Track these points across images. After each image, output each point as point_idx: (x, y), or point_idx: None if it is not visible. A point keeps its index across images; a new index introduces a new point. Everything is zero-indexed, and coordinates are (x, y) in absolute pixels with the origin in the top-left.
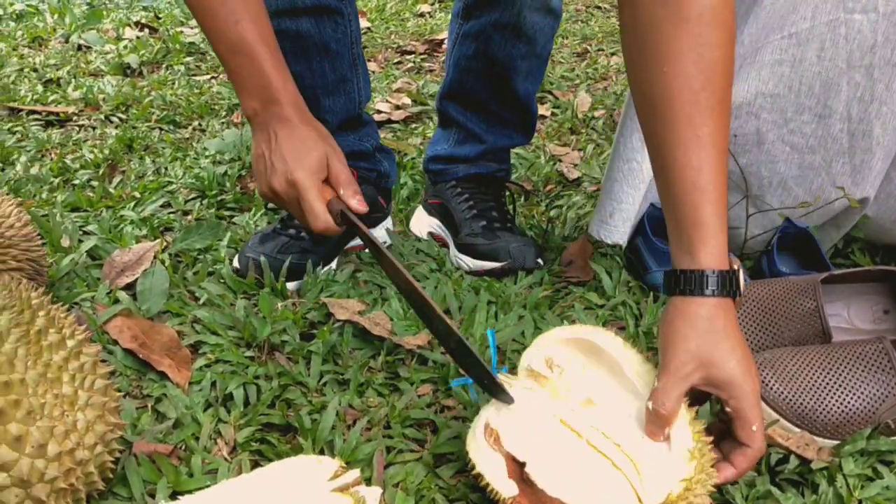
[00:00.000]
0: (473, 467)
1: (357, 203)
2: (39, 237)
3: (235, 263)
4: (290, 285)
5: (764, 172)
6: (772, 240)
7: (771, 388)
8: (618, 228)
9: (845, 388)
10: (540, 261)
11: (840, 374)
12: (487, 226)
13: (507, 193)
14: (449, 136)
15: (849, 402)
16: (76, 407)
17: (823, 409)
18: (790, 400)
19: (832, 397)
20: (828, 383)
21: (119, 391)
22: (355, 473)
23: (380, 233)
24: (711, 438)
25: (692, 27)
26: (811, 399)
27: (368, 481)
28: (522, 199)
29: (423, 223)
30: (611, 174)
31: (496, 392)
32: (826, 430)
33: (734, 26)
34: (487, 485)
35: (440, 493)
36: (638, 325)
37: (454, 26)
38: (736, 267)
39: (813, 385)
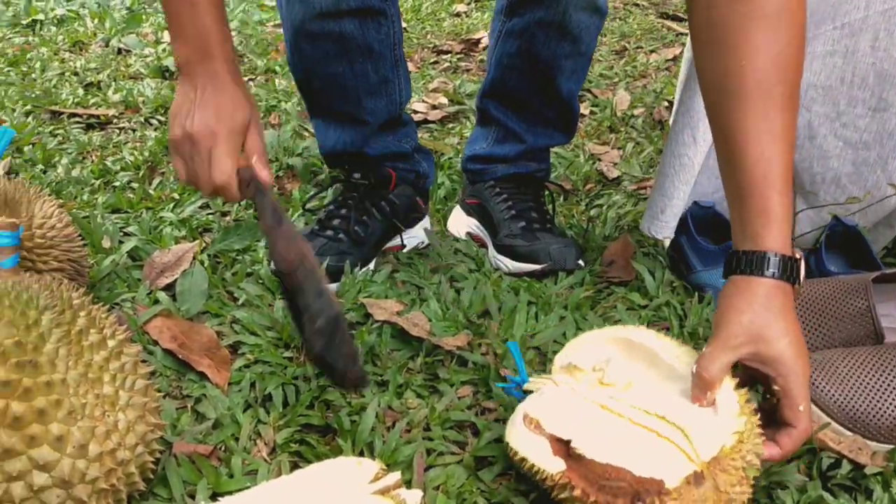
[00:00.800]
0: (516, 454)
1: (267, 174)
2: (80, 238)
3: (272, 265)
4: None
5: (816, 168)
6: (820, 238)
7: (822, 391)
8: (669, 224)
9: None
10: (581, 262)
11: (894, 376)
12: (527, 226)
13: (547, 193)
14: (488, 134)
15: None
16: (117, 407)
17: (877, 413)
18: (842, 403)
19: (886, 400)
20: (881, 385)
21: (159, 391)
22: (396, 476)
23: (418, 232)
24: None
25: (772, 23)
26: (864, 402)
27: (409, 484)
28: (562, 198)
29: (462, 223)
30: (663, 170)
31: (360, 384)
32: (880, 434)
33: (806, 25)
34: (532, 466)
35: (482, 496)
36: (683, 326)
37: (496, 24)
38: (799, 256)
39: (866, 387)
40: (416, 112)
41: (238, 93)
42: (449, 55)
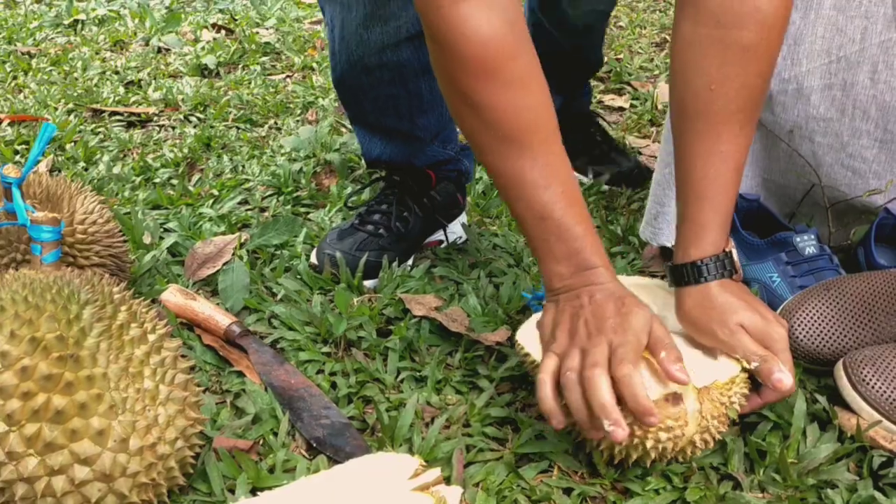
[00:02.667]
0: (522, 349)
1: (678, 371)
2: (122, 234)
3: (313, 259)
4: (368, 283)
5: (827, 192)
6: (869, 231)
7: (872, 387)
8: (662, 231)
9: None
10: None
11: None
12: (599, 154)
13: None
14: None
15: None
16: (157, 401)
17: None
18: (894, 399)
19: None
20: None
21: (199, 386)
22: (436, 472)
23: (455, 227)
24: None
25: (748, 56)
26: None
27: (448, 480)
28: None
29: None
30: (656, 176)
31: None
32: None
33: (777, 57)
34: (533, 362)
35: (522, 493)
36: None
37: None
38: (729, 248)
39: None
40: None
41: (627, 294)
42: None
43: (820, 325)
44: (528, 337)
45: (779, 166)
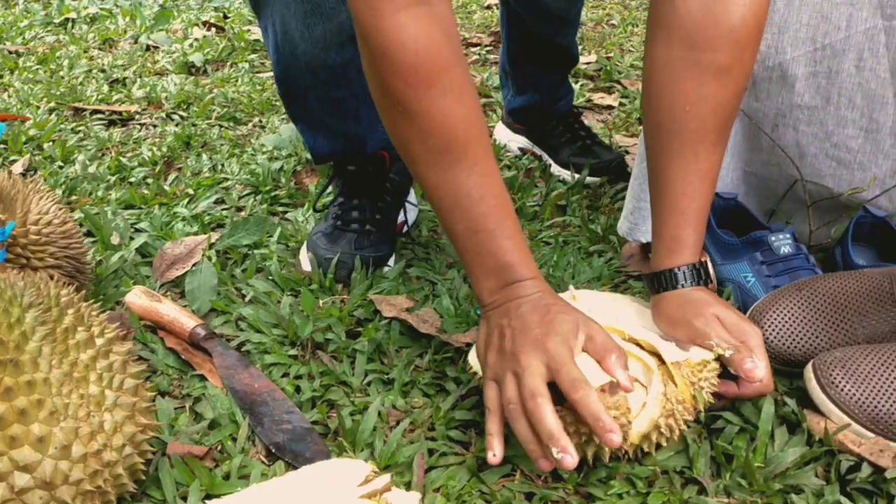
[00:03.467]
0: (471, 368)
1: (623, 376)
2: (81, 235)
3: (305, 266)
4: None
5: (811, 186)
6: (847, 230)
7: (842, 390)
8: (638, 226)
9: None
10: None
11: None
12: (581, 146)
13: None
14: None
15: None
16: (103, 407)
17: None
18: (864, 402)
19: None
20: None
21: (158, 391)
22: (386, 479)
23: (411, 198)
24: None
25: (722, 77)
26: (887, 402)
27: (409, 486)
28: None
29: (508, 137)
30: (634, 172)
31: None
32: None
33: (750, 75)
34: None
35: (482, 498)
36: None
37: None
38: (704, 259)
39: (889, 386)
40: None
41: (557, 302)
42: (478, 48)
43: (791, 326)
44: (476, 360)
45: (760, 157)
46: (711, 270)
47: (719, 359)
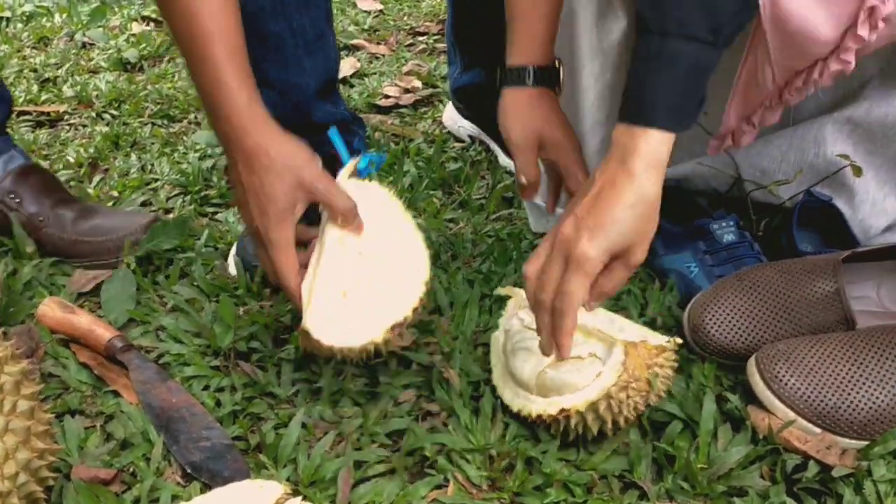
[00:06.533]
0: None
1: (343, 201)
2: None
3: (231, 269)
4: None
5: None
6: (791, 215)
7: (786, 384)
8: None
9: (873, 381)
10: None
11: (867, 365)
12: None
13: None
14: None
15: (878, 397)
16: None
17: (848, 406)
18: (809, 397)
19: (858, 392)
20: (853, 376)
21: (68, 409)
22: (297, 501)
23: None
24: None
25: None
26: (834, 395)
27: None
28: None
29: (457, 120)
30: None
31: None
32: (851, 430)
33: None
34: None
35: None
36: (643, 315)
37: None
38: (557, 65)
39: (835, 379)
40: (387, 97)
41: (273, 156)
42: (425, 37)
43: (732, 318)
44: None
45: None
46: (562, 76)
47: (676, 349)
